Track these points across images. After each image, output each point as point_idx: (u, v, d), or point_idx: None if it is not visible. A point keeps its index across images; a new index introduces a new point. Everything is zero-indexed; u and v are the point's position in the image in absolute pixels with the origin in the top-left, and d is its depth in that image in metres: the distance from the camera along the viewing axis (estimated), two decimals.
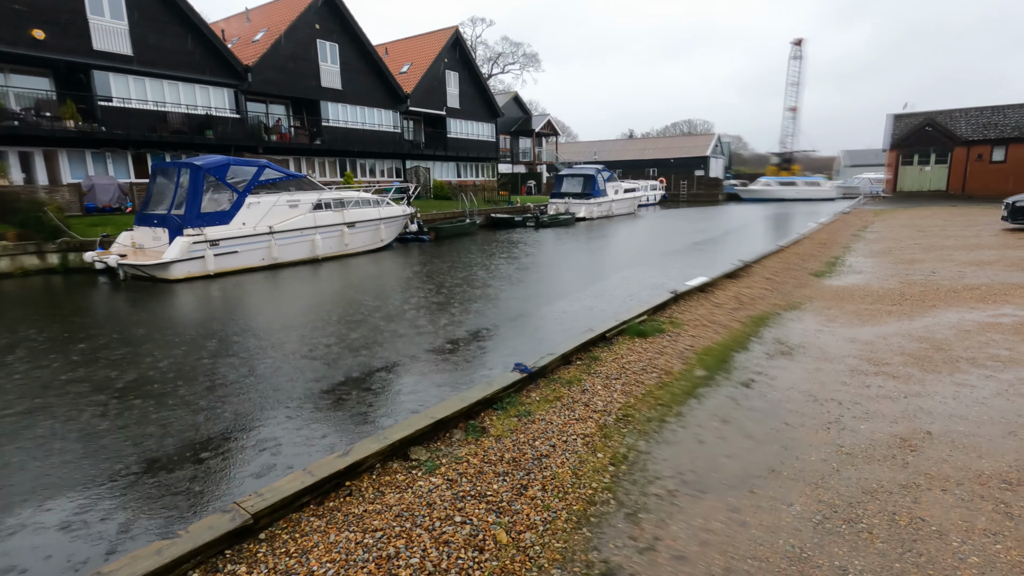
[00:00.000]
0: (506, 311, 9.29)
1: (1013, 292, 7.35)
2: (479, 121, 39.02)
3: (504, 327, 8.27)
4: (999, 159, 30.78)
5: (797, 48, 56.01)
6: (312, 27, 26.78)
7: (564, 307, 9.66)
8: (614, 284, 11.89)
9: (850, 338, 5.73)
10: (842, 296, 7.74)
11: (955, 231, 15.02)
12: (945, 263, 10.05)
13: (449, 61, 35.63)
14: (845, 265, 10.50)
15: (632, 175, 62.78)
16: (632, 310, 6.84)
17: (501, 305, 9.82)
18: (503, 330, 8.08)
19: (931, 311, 6.65)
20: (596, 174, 29.49)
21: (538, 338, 7.65)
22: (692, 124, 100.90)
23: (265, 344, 7.41)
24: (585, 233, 23.76)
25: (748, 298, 7.92)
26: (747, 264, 10.68)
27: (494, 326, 8.32)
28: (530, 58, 74.96)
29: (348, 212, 15.41)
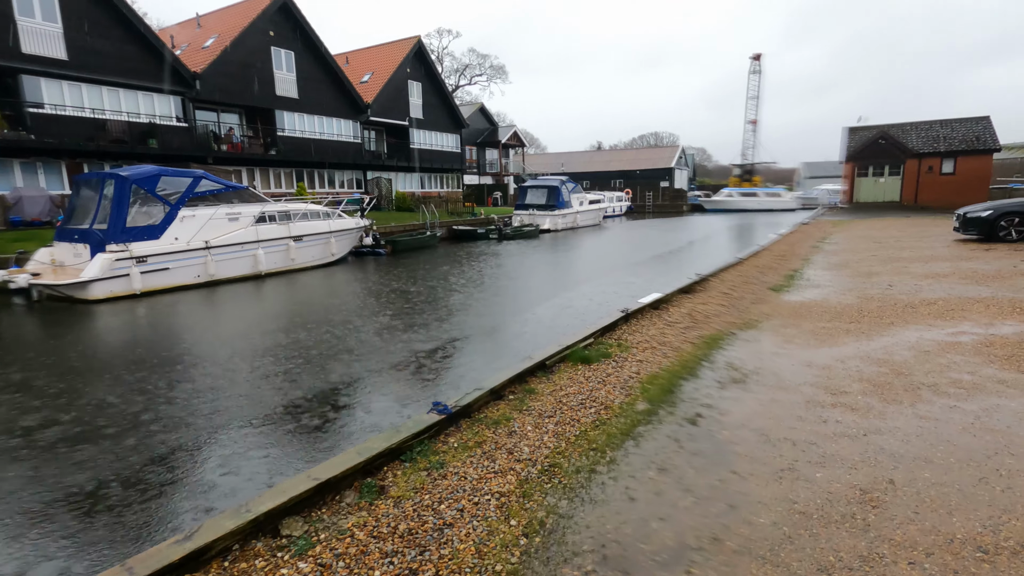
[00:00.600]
0: (456, 330, 8.69)
1: (969, 307, 7.11)
2: (443, 132, 38.51)
3: (451, 348, 7.66)
4: (949, 171, 31.76)
5: (756, 63, 57.43)
6: (266, 34, 25.91)
7: (517, 326, 9.11)
8: (572, 299, 11.42)
9: (807, 362, 5.32)
10: (800, 313, 7.40)
11: (910, 242, 15.10)
12: (902, 276, 9.89)
13: (412, 71, 35.10)
14: (804, 279, 10.26)
15: (599, 186, 63.14)
16: (578, 332, 6.33)
17: (452, 323, 9.21)
18: (450, 352, 7.48)
19: (889, 329, 6.33)
20: (560, 185, 29.23)
21: (484, 362, 7.07)
22: (659, 136, 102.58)
23: (184, 374, 6.63)
24: (548, 245, 23.37)
25: (703, 315, 7.51)
26: (704, 278, 10.34)
27: (441, 347, 7.71)
28: (497, 70, 74.95)
29: (295, 225, 14.61)
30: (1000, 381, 4.57)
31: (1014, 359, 5.08)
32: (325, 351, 7.68)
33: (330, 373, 6.72)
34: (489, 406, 4.46)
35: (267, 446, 4.78)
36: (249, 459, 4.53)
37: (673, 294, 8.86)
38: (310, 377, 6.57)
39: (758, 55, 56.79)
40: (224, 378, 6.59)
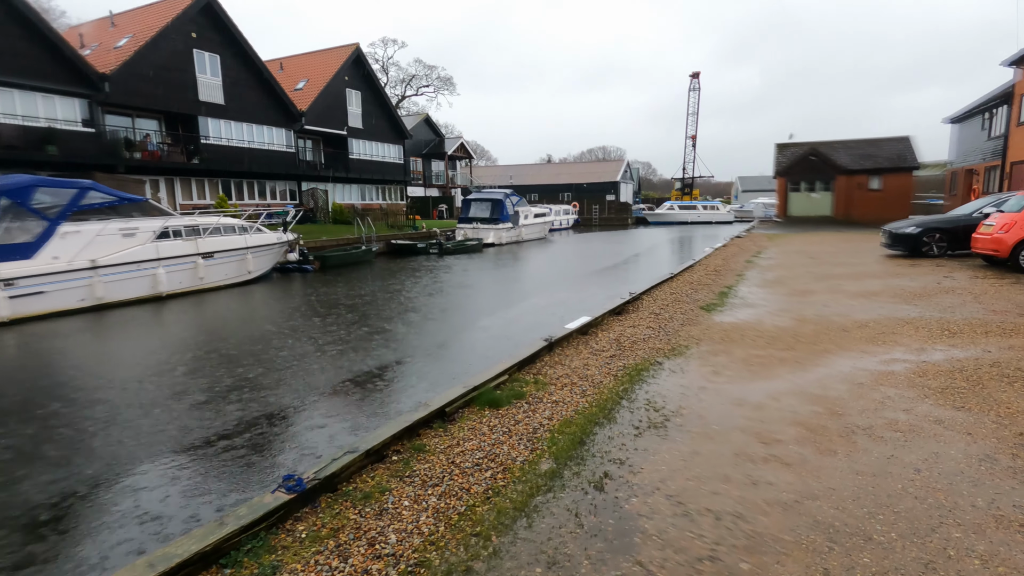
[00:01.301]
0: (375, 357, 7.81)
1: (900, 330, 6.87)
2: (385, 142, 37.42)
3: (365, 380, 6.79)
4: (876, 187, 33.32)
5: (695, 80, 59.25)
6: (187, 36, 24.27)
7: (443, 353, 8.31)
8: (509, 319, 10.73)
9: (737, 399, 4.80)
10: (731, 337, 6.97)
11: (843, 258, 15.31)
12: (836, 294, 9.75)
13: (350, 79, 33.94)
14: (737, 296, 9.97)
15: (547, 199, 63.34)
16: (491, 367, 5.62)
17: (371, 349, 8.32)
18: (363, 384, 6.61)
19: (824, 358, 5.95)
20: (504, 199, 28.72)
21: (400, 396, 6.24)
22: (607, 150, 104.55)
23: (39, 415, 5.47)
24: (492, 260, 22.72)
25: (630, 341, 6.97)
26: (636, 297, 9.89)
27: (354, 379, 6.82)
28: (445, 81, 74.23)
29: (204, 241, 13.32)
30: (937, 421, 4.17)
31: (948, 392, 4.73)
32: (209, 387, 6.65)
33: (203, 419, 5.73)
34: (364, 472, 3.67)
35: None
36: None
37: (603, 316, 8.32)
38: (178, 428, 5.56)
39: (696, 73, 58.65)
40: (72, 425, 5.49)
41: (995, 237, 10.87)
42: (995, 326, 6.81)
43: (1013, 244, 10.47)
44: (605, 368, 5.90)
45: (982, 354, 5.75)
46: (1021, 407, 4.36)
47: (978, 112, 28.67)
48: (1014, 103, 23.89)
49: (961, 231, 13.51)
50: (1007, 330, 6.62)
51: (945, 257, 13.69)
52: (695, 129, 60.30)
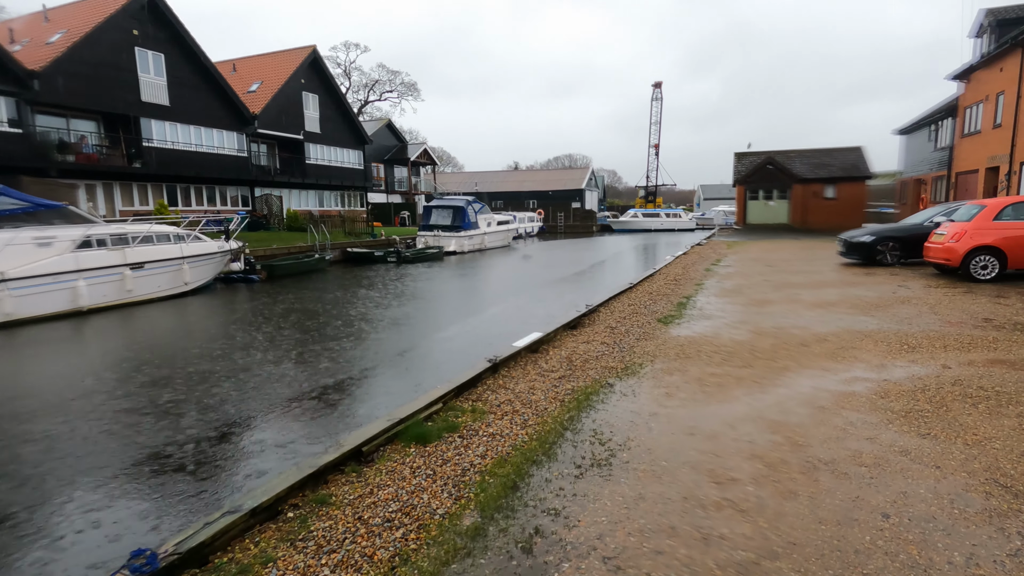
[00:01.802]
0: (312, 376, 7.12)
1: (860, 345, 6.62)
2: (344, 147, 36.46)
3: (298, 404, 6.12)
4: (831, 196, 34.13)
5: (657, 90, 60.12)
6: (128, 33, 22.99)
7: (383, 372, 7.68)
8: (464, 330, 10.17)
9: (690, 428, 4.36)
10: (687, 353, 6.59)
11: (800, 266, 15.31)
12: (794, 304, 9.55)
13: (307, 82, 32.93)
14: (696, 307, 9.67)
15: (512, 206, 63.17)
16: (423, 396, 5.06)
17: (306, 365, 7.62)
18: (294, 410, 5.93)
19: (783, 376, 5.60)
20: (466, 206, 28.17)
21: (317, 425, 5.60)
22: (573, 158, 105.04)
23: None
24: (452, 268, 22.13)
25: (582, 359, 6.51)
26: (593, 309, 9.48)
27: (285, 405, 6.14)
28: (409, 87, 73.49)
29: (133, 250, 12.34)
30: (903, 451, 3.81)
31: (912, 416, 4.40)
32: (129, 409, 5.87)
33: (108, 451, 4.98)
34: (248, 536, 3.06)
35: None
36: None
37: (557, 331, 7.85)
38: (70, 465, 4.81)
39: (659, 83, 59.53)
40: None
41: (947, 246, 10.91)
42: (952, 339, 6.62)
43: (964, 253, 10.51)
44: (552, 392, 5.41)
45: (942, 371, 5.49)
46: (987, 433, 4.05)
47: (925, 124, 29.69)
48: (959, 116, 24.75)
49: (914, 240, 13.63)
50: (964, 343, 6.43)
51: (899, 265, 13.80)
52: (658, 138, 61.15)
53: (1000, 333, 6.83)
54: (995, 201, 10.82)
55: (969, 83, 23.99)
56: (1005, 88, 20.26)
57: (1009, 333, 6.83)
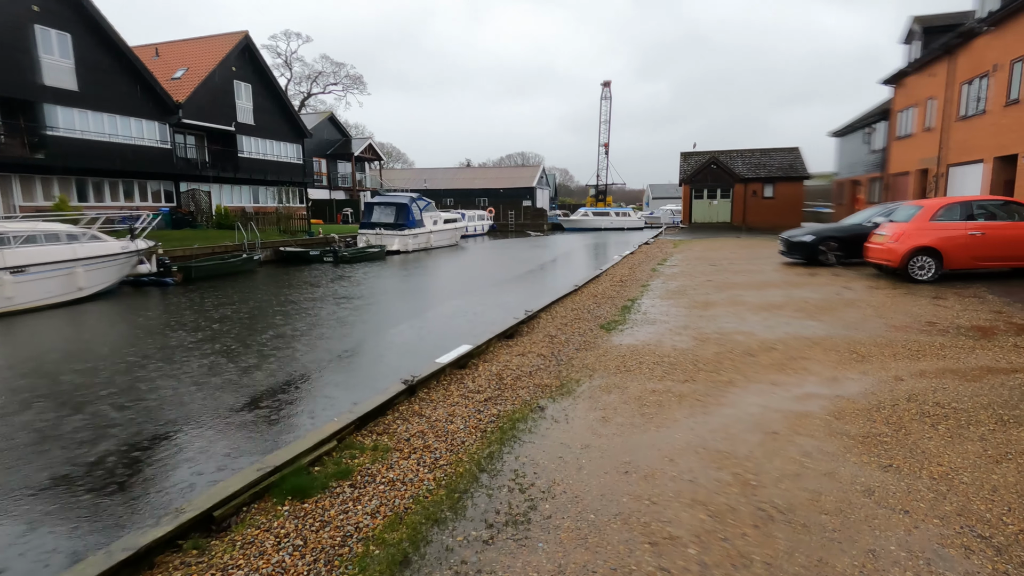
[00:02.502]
0: (205, 397, 6.09)
1: (809, 354, 6.21)
2: (281, 140, 34.56)
3: (187, 435, 5.10)
4: (770, 195, 34.96)
5: (606, 89, 60.52)
6: (26, 7, 20.71)
7: (289, 393, 6.72)
8: (394, 340, 9.26)
9: (625, 463, 3.72)
10: (628, 365, 6.00)
11: (742, 265, 15.20)
12: (737, 307, 9.19)
13: (239, 70, 30.91)
14: (639, 311, 9.17)
15: (462, 204, 62.19)
16: (315, 432, 4.21)
17: (203, 384, 6.57)
18: (179, 444, 4.93)
19: (729, 392, 5.07)
20: (410, 203, 27.07)
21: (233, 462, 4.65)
22: (526, 156, 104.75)
23: None
24: (394, 269, 21.07)
25: (514, 376, 5.81)
26: (533, 315, 8.82)
27: (164, 435, 5.11)
28: (354, 80, 71.21)
29: (13, 252, 10.80)
30: (867, 491, 3.28)
31: (871, 443, 3.92)
32: None
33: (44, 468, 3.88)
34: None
35: None
36: None
37: (490, 342, 7.13)
38: None
39: (607, 82, 59.89)
40: None
41: (888, 247, 10.87)
42: (901, 346, 6.31)
43: (905, 254, 10.48)
44: (474, 419, 4.67)
45: (895, 384, 5.10)
46: (953, 462, 3.60)
47: (860, 127, 30.75)
48: (891, 119, 25.65)
49: (853, 240, 13.69)
50: (913, 351, 6.12)
51: (840, 265, 13.84)
52: (608, 137, 61.58)
53: (945, 338, 6.59)
54: (931, 202, 10.86)
55: (901, 88, 24.88)
56: (935, 94, 21.01)
57: (953, 338, 6.59)
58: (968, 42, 18.68)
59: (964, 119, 18.77)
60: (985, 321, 7.37)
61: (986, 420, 4.21)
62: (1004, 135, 16.38)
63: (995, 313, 7.82)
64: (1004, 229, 10.25)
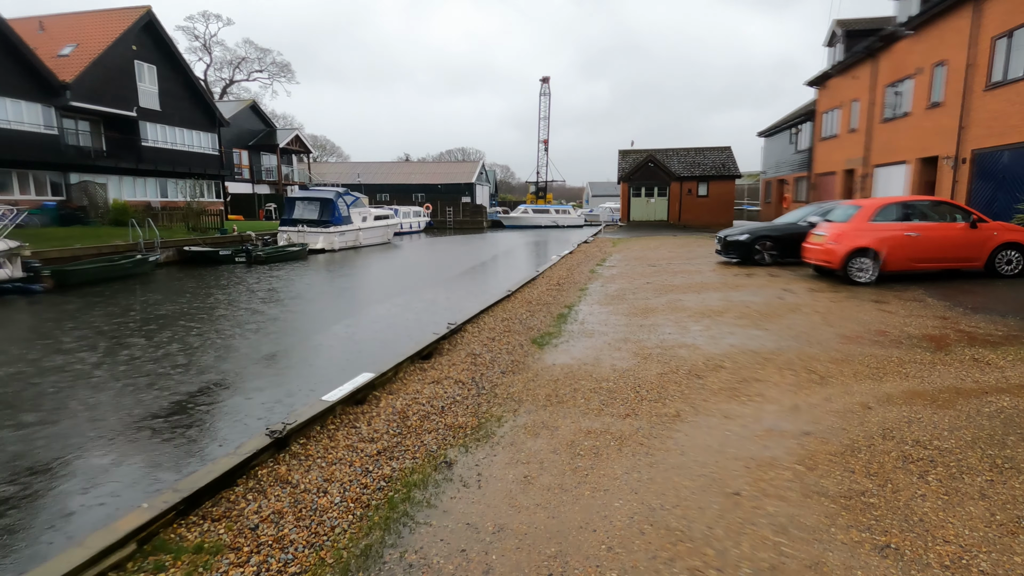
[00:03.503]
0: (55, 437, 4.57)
1: (762, 374, 5.47)
2: (193, 129, 31.63)
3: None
4: (703, 194, 35.45)
5: (545, 85, 59.95)
6: None
7: (161, 433, 5.30)
8: (276, 369, 7.87)
9: (548, 562, 2.72)
10: (561, 394, 5.05)
11: (680, 265, 14.74)
12: (678, 313, 8.48)
13: (141, 49, 27.88)
14: (577, 320, 8.29)
15: (398, 200, 60.11)
16: (105, 532, 2.95)
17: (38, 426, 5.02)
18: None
19: (676, 430, 4.20)
20: (336, 198, 25.23)
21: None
22: (466, 152, 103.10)
23: None
24: (316, 270, 19.35)
25: (422, 414, 4.72)
26: (456, 328, 7.73)
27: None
28: (281, 67, 67.47)
29: None
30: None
31: (855, 506, 3.12)
32: None
33: None
34: None
35: None
36: None
37: (400, 366, 5.98)
38: None
39: (546, 78, 59.34)
40: None
41: (826, 247, 10.55)
42: (859, 362, 5.70)
43: (844, 255, 10.17)
44: (358, 485, 3.55)
45: (865, 414, 4.40)
46: (960, 536, 2.84)
47: (786, 127, 31.57)
48: (816, 120, 26.31)
49: (789, 239, 13.47)
50: (873, 369, 5.50)
51: (776, 265, 13.59)
52: (547, 133, 61.10)
53: (901, 351, 6.05)
54: (870, 202, 10.62)
55: (825, 90, 25.52)
56: (858, 95, 21.53)
57: (909, 351, 6.07)
58: (890, 46, 19.16)
59: (888, 121, 19.25)
60: (934, 329, 6.96)
61: (979, 466, 3.52)
62: (926, 137, 16.81)
63: (941, 320, 7.46)
64: (938, 230, 10.12)
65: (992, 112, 14.05)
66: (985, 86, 14.25)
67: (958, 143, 15.18)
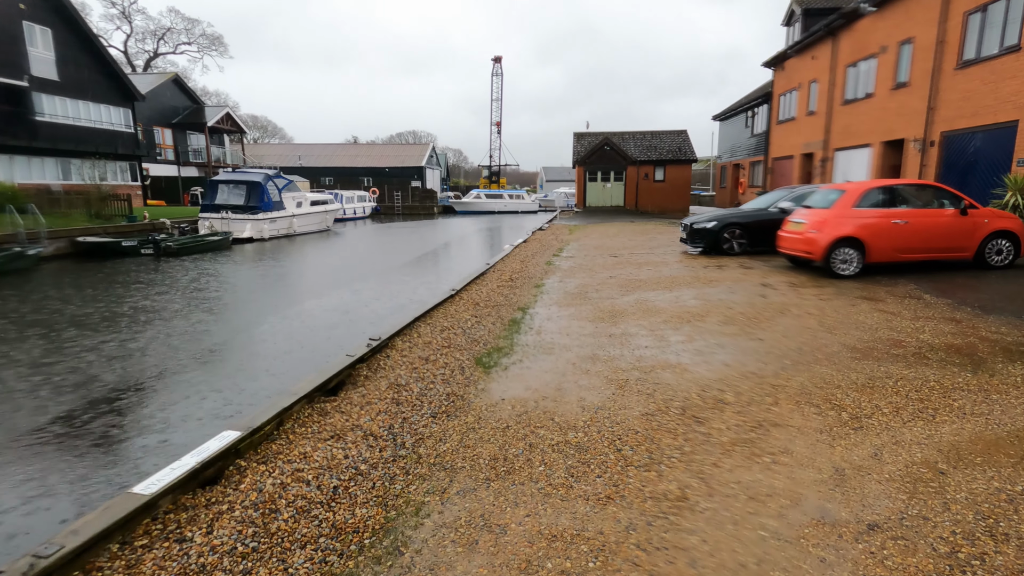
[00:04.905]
0: None
1: (778, 413, 4.15)
2: (100, 103, 28.13)
3: None
4: (660, 178, 34.64)
5: (497, 65, 57.88)
6: None
7: None
8: (164, 406, 6.03)
9: None
10: (510, 456, 3.57)
11: (644, 255, 13.51)
12: (651, 318, 7.15)
13: (32, 9, 24.29)
14: (532, 328, 6.82)
15: (344, 183, 57.03)
16: None
17: None
18: None
19: (685, 527, 2.79)
20: (265, 181, 22.76)
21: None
22: (418, 135, 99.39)
23: None
24: (238, 262, 17.11)
25: (301, 503, 3.11)
26: (379, 346, 6.09)
27: None
28: (213, 40, 62.59)
29: None
30: None
31: None
32: None
33: None
34: None
35: None
36: None
37: (289, 412, 4.32)
38: None
39: (498, 57, 57.29)
40: None
41: (807, 237, 9.45)
42: (891, 389, 4.47)
43: (828, 245, 9.09)
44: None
45: (942, 484, 3.11)
46: None
47: (742, 110, 30.97)
48: (773, 103, 25.66)
49: (759, 226, 12.45)
50: (915, 400, 4.27)
51: (746, 255, 12.54)
52: (500, 116, 59.14)
53: (933, 370, 4.87)
54: (854, 186, 9.57)
55: (781, 71, 24.85)
56: (817, 76, 20.84)
57: (942, 369, 4.90)
58: (851, 23, 18.41)
59: (850, 103, 18.59)
60: (954, 336, 5.86)
61: None
62: (891, 119, 16.15)
63: (953, 323, 6.40)
64: (927, 217, 9.18)
65: (963, 92, 13.37)
66: (956, 64, 13.55)
67: (926, 125, 14.52)
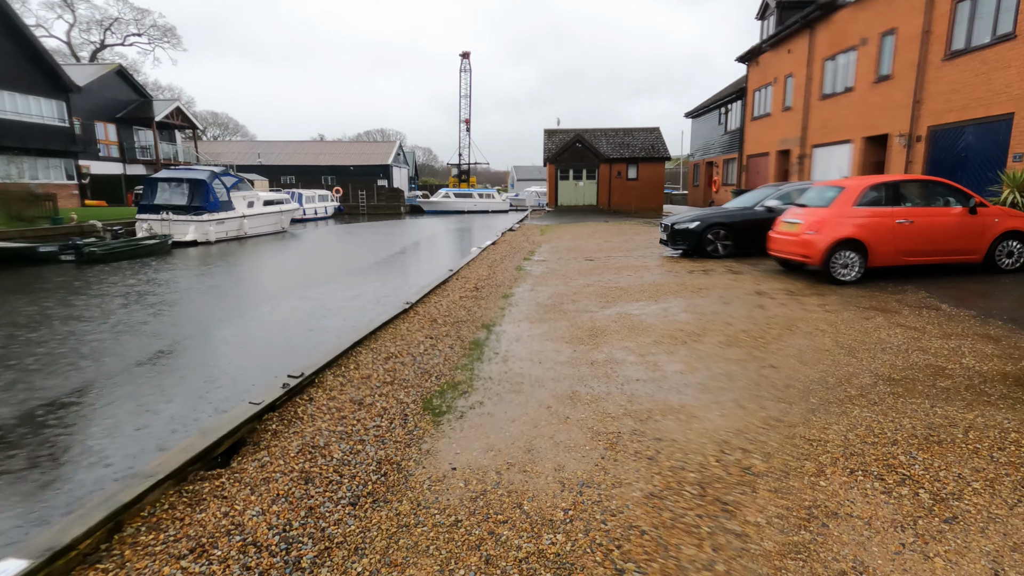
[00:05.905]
0: None
1: (831, 492, 3.05)
2: (28, 94, 25.76)
3: None
4: (633, 176, 33.82)
5: (466, 61, 56.43)
6: None
7: None
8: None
9: None
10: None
11: (621, 259, 12.45)
12: (639, 337, 6.03)
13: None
14: (498, 355, 5.62)
15: (306, 182, 54.82)
16: None
17: None
18: None
19: None
20: (210, 179, 20.92)
21: None
22: (386, 133, 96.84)
23: None
24: (176, 268, 15.40)
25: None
26: (304, 383, 4.77)
27: None
28: (164, 31, 59.41)
29: None
30: None
31: None
32: None
33: None
34: None
35: None
36: None
37: (145, 502, 2.99)
38: None
39: (466, 53, 55.89)
40: None
41: (804, 239, 8.49)
42: (962, 446, 3.42)
43: (827, 248, 8.15)
44: None
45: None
46: None
47: (715, 107, 30.37)
48: (748, 99, 25.03)
49: (745, 227, 11.54)
50: (1007, 467, 3.23)
51: (732, 258, 11.59)
52: (469, 113, 57.71)
53: (1003, 414, 3.86)
54: (855, 181, 8.65)
55: (756, 66, 24.21)
56: (794, 71, 20.18)
57: (1014, 412, 3.88)
58: (829, 15, 17.75)
59: (828, 97, 17.93)
60: (1003, 361, 4.88)
61: None
62: (873, 114, 15.48)
63: (991, 341, 5.45)
64: (934, 216, 8.31)
65: (952, 84, 12.70)
66: (944, 55, 12.88)
67: (912, 119, 13.85)
